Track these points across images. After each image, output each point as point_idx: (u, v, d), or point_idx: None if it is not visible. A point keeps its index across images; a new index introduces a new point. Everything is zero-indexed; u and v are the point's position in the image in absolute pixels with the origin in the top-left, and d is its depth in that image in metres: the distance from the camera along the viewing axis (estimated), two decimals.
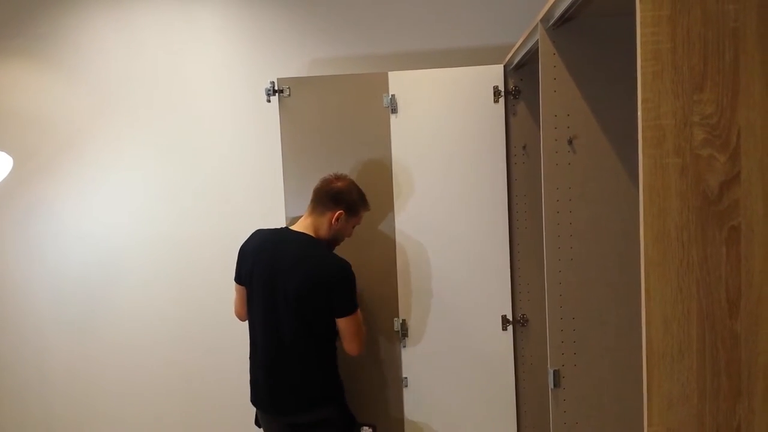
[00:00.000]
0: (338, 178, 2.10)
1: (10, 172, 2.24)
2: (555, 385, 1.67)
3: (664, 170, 1.03)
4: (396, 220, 2.31)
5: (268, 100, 2.31)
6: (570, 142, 1.65)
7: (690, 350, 1.03)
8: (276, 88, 2.30)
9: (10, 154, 2.18)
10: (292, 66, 2.68)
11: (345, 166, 2.30)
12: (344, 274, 1.98)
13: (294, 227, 2.07)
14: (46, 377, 2.91)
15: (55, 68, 2.78)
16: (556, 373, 1.67)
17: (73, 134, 2.80)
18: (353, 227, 2.14)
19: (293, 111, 2.32)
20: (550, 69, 1.64)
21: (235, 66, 2.72)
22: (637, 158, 1.57)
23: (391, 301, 2.33)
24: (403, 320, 2.33)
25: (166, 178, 2.78)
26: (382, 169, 2.30)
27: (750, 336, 1.03)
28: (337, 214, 2.04)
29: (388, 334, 2.34)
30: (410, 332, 2.34)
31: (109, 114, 2.78)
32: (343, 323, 1.98)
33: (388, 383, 2.36)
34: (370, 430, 2.05)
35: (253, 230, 2.13)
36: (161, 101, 2.76)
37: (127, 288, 2.83)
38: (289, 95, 2.30)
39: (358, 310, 2.02)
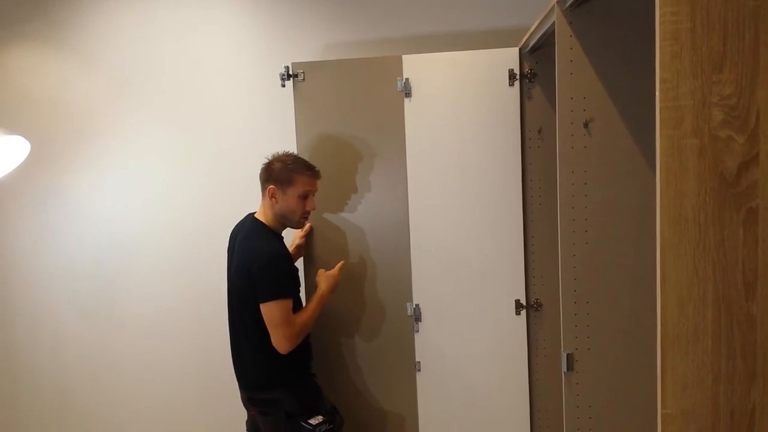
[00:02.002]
0: (272, 156, 2.12)
1: (27, 157, 2.27)
2: (568, 369, 1.67)
3: (682, 151, 1.02)
4: (410, 205, 2.30)
5: (283, 85, 2.30)
6: (586, 125, 1.63)
7: (705, 333, 1.02)
8: (290, 72, 2.29)
9: (26, 138, 2.21)
10: (307, 50, 2.67)
11: (359, 149, 2.30)
12: (263, 260, 1.98)
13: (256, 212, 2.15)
14: (61, 361, 2.95)
15: (71, 53, 2.80)
16: (569, 357, 1.67)
17: (89, 119, 2.81)
18: (303, 197, 2.07)
19: (307, 95, 2.31)
20: (567, 51, 1.63)
21: (250, 51, 2.72)
22: (653, 141, 1.56)
23: (404, 286, 2.34)
24: (417, 305, 2.34)
25: (181, 163, 2.79)
26: (396, 152, 2.29)
27: (766, 318, 1.02)
28: (269, 190, 2.07)
29: (401, 318, 2.35)
30: (423, 317, 2.34)
31: (125, 99, 2.79)
32: (262, 309, 1.98)
33: (401, 367, 2.37)
34: (320, 419, 2.02)
35: None
36: (176, 86, 2.77)
37: (142, 272, 2.86)
38: (304, 79, 2.30)
39: (282, 303, 1.97)
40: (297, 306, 2.08)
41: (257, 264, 1.98)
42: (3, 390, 2.99)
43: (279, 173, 2.06)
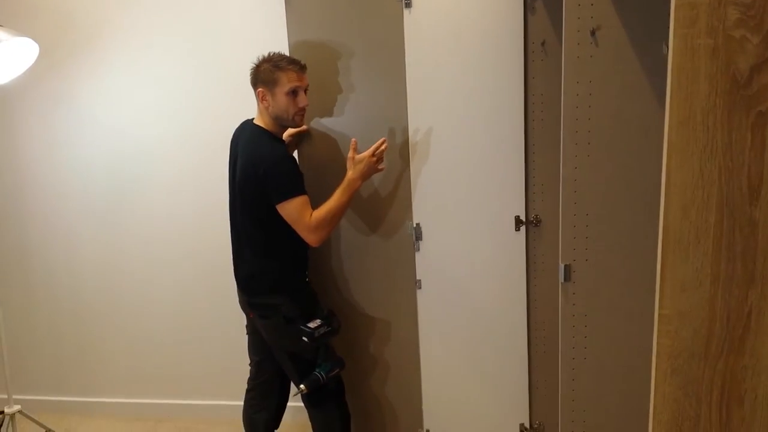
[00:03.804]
0: (259, 59, 2.08)
1: (36, 60, 2.25)
2: (565, 279, 1.70)
3: (695, 52, 0.99)
4: (409, 121, 2.27)
5: None
6: (593, 33, 1.58)
7: (707, 236, 1.03)
8: None
9: (36, 42, 2.17)
10: None
11: (356, 65, 2.25)
12: (268, 163, 1.99)
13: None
14: (73, 265, 3.02)
15: None
16: (566, 268, 1.69)
17: (99, 24, 2.75)
18: (293, 94, 2.04)
19: (300, 8, 2.22)
20: None
21: None
22: (660, 51, 1.51)
23: (404, 205, 2.34)
24: (417, 224, 2.34)
25: (191, 70, 2.75)
26: (395, 67, 2.23)
27: None
28: (259, 93, 2.06)
29: (401, 237, 2.36)
30: (423, 235, 2.35)
31: (135, 3, 2.72)
32: (281, 212, 2.01)
33: (402, 285, 2.40)
34: (319, 322, 2.08)
35: None
36: None
37: (152, 180, 2.87)
38: None
39: (296, 199, 1.99)
40: None
41: (263, 168, 1.98)
42: (18, 295, 3.07)
43: (264, 74, 2.04)
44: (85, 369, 3.13)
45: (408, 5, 2.18)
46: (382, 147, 2.12)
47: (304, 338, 2.05)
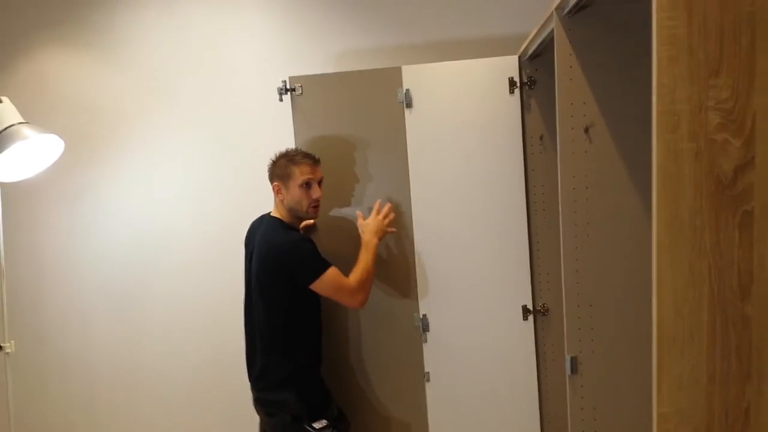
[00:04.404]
0: (276, 154, 2.17)
1: (61, 156, 2.36)
2: (572, 372, 1.68)
3: (678, 155, 1.04)
4: (413, 214, 2.30)
5: (281, 99, 2.30)
6: (586, 130, 1.65)
7: (701, 334, 1.04)
8: (288, 86, 2.28)
9: (60, 137, 2.30)
10: (320, 60, 2.73)
11: (361, 162, 2.31)
12: (290, 247, 2.03)
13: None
14: (88, 356, 2.99)
15: (105, 56, 2.87)
16: (573, 360, 1.68)
17: (120, 121, 2.88)
18: (306, 186, 2.09)
19: (306, 110, 2.30)
20: (566, 57, 1.64)
21: (277, 58, 2.78)
22: (649, 146, 1.57)
23: (410, 297, 2.33)
24: (424, 315, 2.32)
25: (206, 165, 2.84)
26: (398, 164, 2.29)
27: (761, 319, 1.03)
28: (274, 187, 2.13)
29: (409, 329, 2.34)
30: (431, 327, 2.33)
31: (155, 102, 2.86)
32: (316, 289, 2.02)
33: (411, 379, 2.35)
34: (324, 423, 2.02)
35: None
36: (204, 92, 2.82)
37: (166, 273, 2.90)
38: (302, 94, 2.29)
39: (328, 273, 2.00)
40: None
41: (287, 254, 2.02)
42: (32, 386, 3.03)
43: (280, 169, 2.11)
44: None
45: (409, 106, 2.27)
46: (385, 209, 2.20)
47: None
